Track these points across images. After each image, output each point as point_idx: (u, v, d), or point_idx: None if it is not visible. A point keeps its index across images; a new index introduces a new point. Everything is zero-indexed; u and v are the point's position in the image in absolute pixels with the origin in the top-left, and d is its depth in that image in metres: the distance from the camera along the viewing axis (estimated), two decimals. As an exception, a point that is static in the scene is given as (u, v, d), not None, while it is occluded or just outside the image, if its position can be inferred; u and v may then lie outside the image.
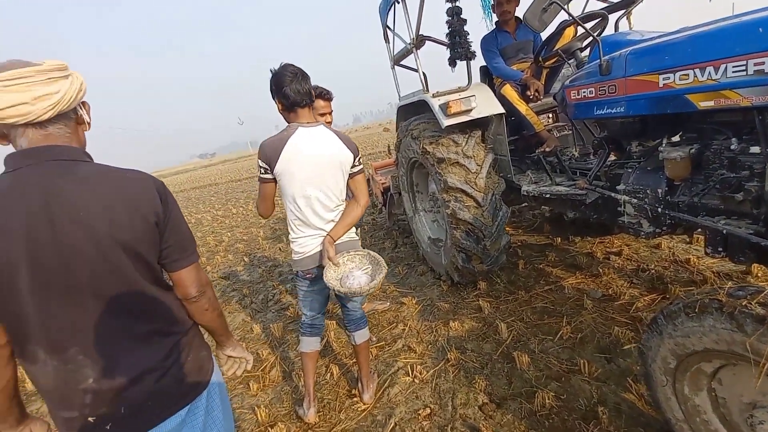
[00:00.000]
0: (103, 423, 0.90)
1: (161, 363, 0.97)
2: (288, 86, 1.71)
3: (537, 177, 2.87)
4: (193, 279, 1.03)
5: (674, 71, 1.59)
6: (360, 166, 1.92)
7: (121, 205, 0.90)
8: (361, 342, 2.14)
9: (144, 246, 0.93)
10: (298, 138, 1.74)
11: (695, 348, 1.21)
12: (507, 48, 3.21)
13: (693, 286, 2.54)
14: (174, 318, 1.03)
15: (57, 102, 0.87)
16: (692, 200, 1.75)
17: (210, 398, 1.09)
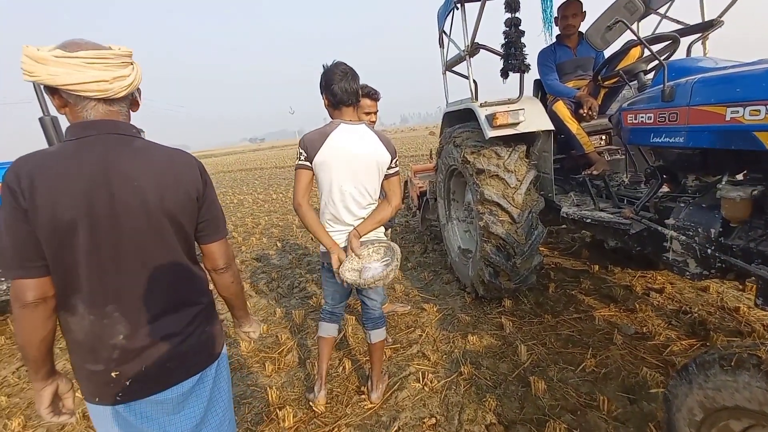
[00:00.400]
0: (123, 378, 0.97)
1: (183, 329, 1.04)
2: (336, 84, 1.76)
3: (580, 200, 2.75)
4: (222, 252, 1.13)
5: (744, 105, 1.47)
6: (396, 168, 1.93)
7: (170, 179, 0.99)
8: (376, 341, 2.15)
9: (185, 218, 1.03)
10: (339, 134, 1.79)
11: (725, 403, 1.12)
12: (566, 63, 3.10)
13: (738, 337, 2.34)
14: (200, 289, 1.11)
15: (130, 84, 0.98)
16: (748, 245, 1.62)
17: (219, 370, 1.15)
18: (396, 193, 1.95)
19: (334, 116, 1.86)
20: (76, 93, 0.92)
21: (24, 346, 0.94)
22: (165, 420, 1.04)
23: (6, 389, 2.76)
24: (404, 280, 3.85)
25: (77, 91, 0.92)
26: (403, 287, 3.65)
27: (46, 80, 0.89)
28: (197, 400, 1.08)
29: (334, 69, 1.79)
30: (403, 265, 4.28)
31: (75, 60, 0.89)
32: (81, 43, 0.93)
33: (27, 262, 0.89)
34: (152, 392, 1.00)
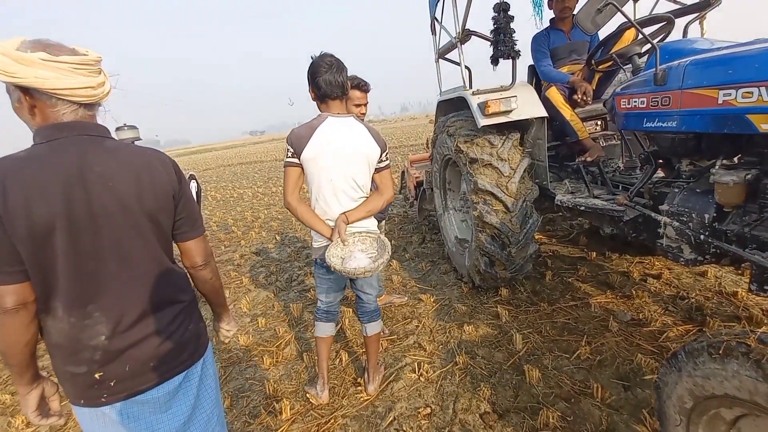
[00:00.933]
0: (107, 379, 0.97)
1: (166, 328, 1.04)
2: (322, 77, 1.72)
3: (574, 187, 2.72)
4: (200, 249, 1.13)
5: (736, 87, 1.43)
6: (387, 161, 1.91)
7: (146, 177, 0.99)
8: (371, 334, 2.16)
9: (163, 216, 1.03)
10: (326, 127, 1.76)
11: (715, 392, 1.12)
12: (559, 48, 3.04)
13: (736, 322, 2.33)
14: (181, 287, 1.11)
15: (108, 90, 1.01)
16: (742, 230, 1.60)
17: (204, 367, 1.15)
18: (388, 185, 1.93)
19: (322, 109, 1.83)
20: (61, 97, 0.92)
21: (6, 352, 0.93)
22: (152, 419, 1.04)
23: (10, 387, 2.80)
24: (402, 271, 3.85)
25: (65, 96, 0.92)
26: (401, 278, 3.65)
27: (33, 83, 0.88)
28: (184, 398, 1.08)
29: (319, 61, 1.75)
30: (400, 255, 4.28)
31: (62, 65, 0.90)
32: (54, 44, 0.92)
33: (4, 267, 0.88)
34: (137, 392, 1.00)
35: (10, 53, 0.86)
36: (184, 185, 1.08)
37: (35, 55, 0.87)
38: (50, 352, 0.99)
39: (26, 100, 0.92)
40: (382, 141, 1.87)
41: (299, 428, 2.04)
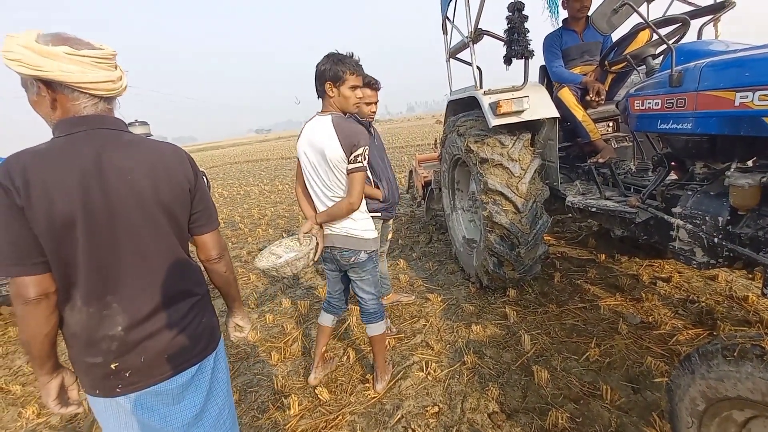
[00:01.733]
0: (123, 370, 0.99)
1: (181, 320, 1.05)
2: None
3: (585, 188, 2.71)
4: (215, 242, 1.15)
5: (754, 90, 1.42)
6: (357, 164, 1.77)
7: (162, 170, 1.01)
8: (371, 335, 2.19)
9: (180, 209, 1.05)
10: (307, 126, 1.88)
11: (728, 394, 1.11)
12: (572, 48, 3.02)
13: (746, 326, 2.31)
14: (196, 281, 1.13)
15: (125, 84, 1.02)
16: (756, 233, 1.58)
17: (217, 360, 1.17)
18: (351, 191, 1.81)
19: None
20: (84, 90, 0.94)
21: (28, 342, 0.95)
22: (165, 411, 1.06)
23: (21, 378, 2.85)
24: (409, 270, 3.86)
25: (88, 89, 0.94)
26: (408, 277, 3.65)
27: (58, 76, 0.90)
28: (197, 390, 1.10)
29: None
30: (407, 255, 4.29)
31: (85, 59, 0.92)
32: (72, 38, 0.94)
33: (26, 259, 0.90)
34: (152, 383, 1.02)
35: (32, 46, 0.87)
36: (200, 179, 1.10)
37: (59, 48, 0.89)
38: (67, 343, 1.01)
39: (48, 93, 0.94)
40: (351, 143, 1.74)
41: (307, 424, 2.06)
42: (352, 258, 1.97)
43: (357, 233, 1.94)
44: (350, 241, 1.94)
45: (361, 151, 1.75)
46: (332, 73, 1.75)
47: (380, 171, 2.57)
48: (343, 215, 1.88)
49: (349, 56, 1.79)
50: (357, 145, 1.74)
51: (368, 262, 2.01)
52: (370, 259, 2.01)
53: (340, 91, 1.80)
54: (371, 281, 2.09)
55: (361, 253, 1.97)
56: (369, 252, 1.99)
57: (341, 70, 1.75)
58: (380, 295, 2.18)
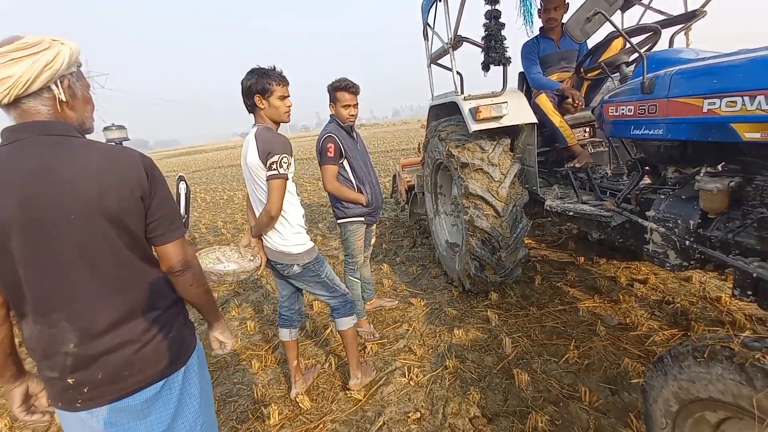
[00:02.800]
0: (81, 386, 0.95)
1: (141, 335, 1.00)
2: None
3: (563, 192, 2.76)
4: (177, 253, 1.05)
5: (721, 96, 1.47)
6: (272, 172, 1.77)
7: (110, 178, 0.93)
8: (340, 329, 2.20)
9: (130, 219, 0.96)
10: (245, 140, 1.91)
11: (700, 395, 1.13)
12: (549, 56, 3.08)
13: (719, 327, 2.37)
14: (158, 293, 1.06)
15: (11, 87, 0.85)
16: (726, 236, 1.63)
17: (187, 375, 1.11)
18: (268, 197, 1.81)
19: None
20: None
21: None
22: (131, 426, 1.01)
23: (-13, 393, 2.72)
24: (392, 275, 3.85)
25: None
26: (391, 282, 3.64)
27: None
28: (164, 407, 1.05)
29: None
30: (391, 259, 4.28)
31: None
32: None
33: None
34: (112, 399, 0.97)
35: None
36: (158, 186, 1.01)
37: None
38: (29, 354, 0.97)
39: None
40: (266, 150, 1.76)
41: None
42: (285, 270, 2.00)
43: (286, 249, 1.93)
44: (279, 255, 1.94)
45: (277, 158, 1.75)
46: (260, 86, 1.80)
47: (363, 175, 2.57)
48: (267, 224, 1.87)
49: (272, 69, 1.84)
50: (272, 152, 1.75)
51: (305, 273, 2.01)
52: (307, 269, 2.00)
53: (269, 102, 1.85)
54: (320, 286, 2.09)
55: (294, 266, 1.97)
56: (302, 264, 1.98)
57: (267, 82, 1.80)
58: (342, 292, 2.15)
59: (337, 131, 2.49)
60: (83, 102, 1.01)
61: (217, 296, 3.89)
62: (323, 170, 2.50)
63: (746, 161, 1.60)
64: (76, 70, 0.98)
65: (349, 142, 2.53)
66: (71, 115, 0.98)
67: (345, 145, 2.48)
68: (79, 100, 1.00)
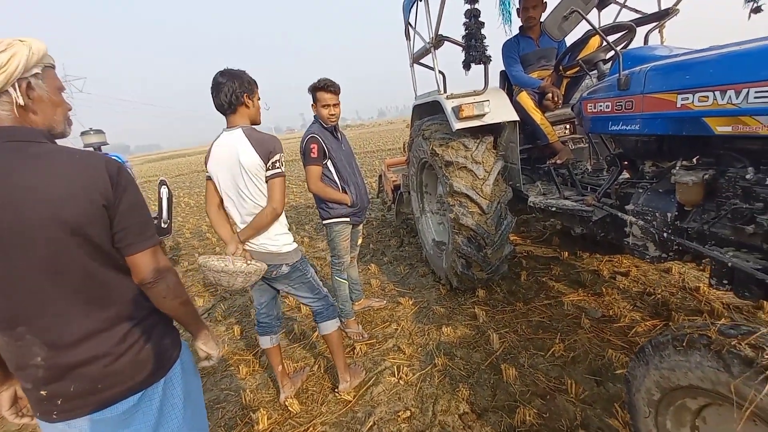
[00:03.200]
0: (54, 398, 0.92)
1: (114, 347, 0.97)
2: (212, 98, 1.81)
3: (546, 188, 2.80)
4: (148, 264, 1.00)
5: (693, 92, 1.51)
6: (275, 171, 1.79)
7: (71, 186, 0.88)
8: (325, 334, 2.18)
9: (93, 229, 0.91)
10: (217, 142, 1.85)
11: (680, 383, 1.16)
12: (529, 55, 3.12)
13: (698, 316, 2.44)
14: (132, 303, 1.02)
15: None
16: (702, 228, 1.68)
17: (169, 386, 1.08)
18: (273, 196, 1.81)
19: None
20: None
21: None
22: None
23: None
24: (380, 275, 3.85)
25: None
26: (379, 282, 3.64)
27: None
28: (144, 418, 1.02)
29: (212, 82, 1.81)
30: (378, 259, 4.28)
31: None
32: None
33: None
34: (87, 412, 0.95)
35: None
36: (127, 193, 0.96)
37: None
38: (6, 363, 0.96)
39: None
40: (266, 150, 1.77)
41: (277, 438, 2.00)
42: (273, 272, 1.96)
43: (275, 248, 1.92)
44: (268, 256, 1.92)
45: (279, 156, 1.79)
46: (246, 86, 1.80)
47: (347, 176, 2.56)
48: (269, 222, 1.85)
49: (244, 71, 1.83)
50: (273, 151, 1.77)
51: (293, 272, 2.00)
52: (294, 269, 2.00)
53: (254, 103, 1.85)
54: (306, 287, 2.08)
55: (283, 266, 1.95)
56: (291, 264, 1.97)
57: (249, 81, 1.81)
58: (324, 294, 2.15)
59: (320, 132, 2.48)
60: (51, 105, 0.96)
61: (203, 303, 3.82)
62: (307, 171, 2.48)
63: (719, 154, 1.65)
64: (41, 71, 0.93)
65: (333, 143, 2.52)
66: (35, 120, 0.93)
67: (329, 146, 2.47)
68: (46, 103, 0.95)
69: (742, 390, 0.96)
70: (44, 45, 0.93)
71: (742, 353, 0.97)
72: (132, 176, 1.02)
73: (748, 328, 1.04)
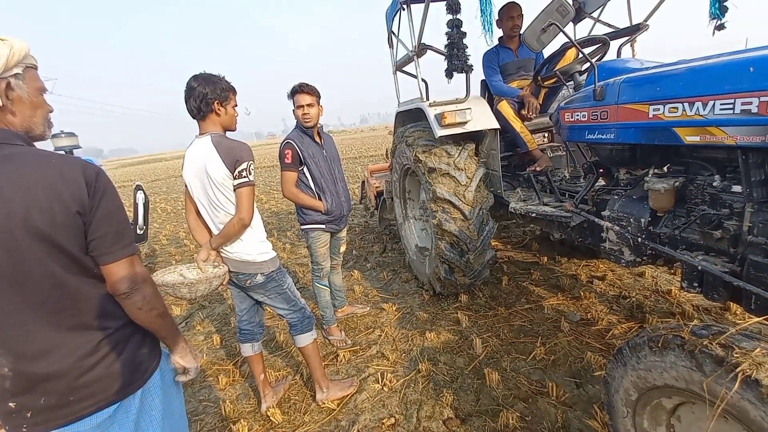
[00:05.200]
0: (23, 410, 0.88)
1: (84, 360, 0.93)
2: (185, 102, 1.76)
3: (526, 195, 2.86)
4: (123, 274, 0.96)
5: (664, 103, 1.59)
6: (242, 180, 1.73)
7: (42, 191, 0.85)
8: (300, 346, 2.15)
9: (65, 237, 0.88)
10: (190, 149, 1.82)
11: (656, 383, 1.20)
12: (508, 64, 3.21)
13: (671, 317, 2.53)
14: (105, 313, 0.98)
15: None
16: (673, 233, 1.75)
17: (147, 398, 1.05)
18: (240, 206, 1.76)
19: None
20: None
21: None
22: None
23: None
24: (363, 281, 3.84)
25: None
26: (362, 288, 3.63)
27: None
28: (120, 430, 0.99)
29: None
30: (362, 265, 4.26)
31: None
32: None
33: None
34: (59, 425, 0.91)
35: None
36: (102, 200, 0.92)
37: None
38: None
39: None
40: (234, 157, 1.71)
41: (258, 449, 1.95)
42: (248, 281, 1.91)
43: (250, 257, 1.87)
44: (243, 265, 1.88)
45: (246, 165, 1.72)
46: (219, 92, 1.74)
47: (323, 183, 2.54)
48: (237, 233, 1.80)
49: (221, 76, 1.78)
50: (240, 160, 1.71)
51: (269, 282, 1.95)
52: (270, 279, 1.94)
53: (226, 110, 1.80)
54: (281, 298, 2.02)
55: (257, 275, 1.90)
56: (266, 273, 1.92)
57: (224, 88, 1.76)
58: (301, 306, 2.10)
59: (298, 137, 2.47)
60: (30, 107, 0.93)
61: (180, 311, 3.72)
62: (282, 176, 2.50)
63: (688, 162, 1.73)
64: (21, 72, 0.90)
65: (312, 148, 2.50)
66: (12, 121, 0.90)
67: (306, 152, 2.46)
68: (25, 104, 0.92)
69: (713, 388, 1.01)
70: (27, 45, 0.91)
71: (714, 353, 1.02)
72: (111, 181, 0.99)
73: (719, 328, 1.09)
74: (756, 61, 1.30)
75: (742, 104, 1.32)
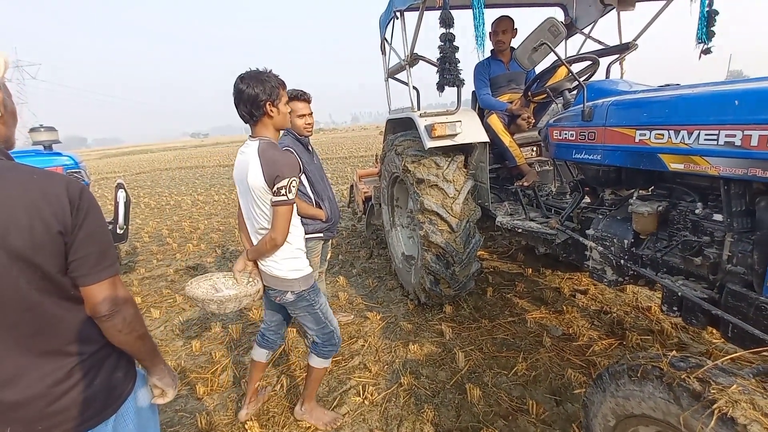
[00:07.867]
0: None
1: (56, 386, 0.89)
2: (235, 107, 1.67)
3: (513, 209, 2.88)
4: (104, 296, 0.92)
5: (650, 129, 1.61)
6: (280, 198, 1.61)
7: (20, 209, 0.80)
8: (312, 365, 2.03)
9: (43, 256, 0.84)
10: (241, 149, 1.74)
11: (634, 411, 1.21)
12: (499, 77, 3.23)
13: (650, 335, 2.57)
14: (80, 337, 0.94)
15: None
16: (655, 255, 1.77)
17: (120, 424, 1.01)
18: (275, 224, 1.65)
19: None
20: None
21: None
22: None
23: None
24: (349, 288, 3.81)
25: None
26: (347, 295, 3.60)
27: None
28: None
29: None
30: (347, 271, 4.23)
31: None
32: None
33: None
34: None
35: None
36: (86, 219, 0.89)
37: None
38: None
39: None
40: (273, 173, 1.59)
41: (234, 464, 1.91)
42: (277, 297, 1.84)
43: (281, 273, 1.77)
44: (273, 280, 1.79)
45: (286, 183, 1.59)
46: (269, 92, 1.61)
47: (321, 190, 2.50)
48: (268, 251, 1.73)
49: (268, 71, 1.65)
50: (280, 176, 1.58)
51: (299, 301, 1.83)
52: (301, 298, 1.82)
53: (279, 110, 1.67)
54: (311, 318, 1.90)
55: (288, 293, 1.80)
56: (297, 292, 1.80)
57: (274, 86, 1.62)
58: (330, 329, 1.95)
59: (294, 145, 2.43)
60: (13, 116, 0.91)
61: (160, 313, 3.63)
62: None
63: (672, 188, 1.75)
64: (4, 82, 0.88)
65: (306, 156, 2.47)
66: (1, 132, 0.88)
67: (303, 160, 2.43)
68: (11, 114, 0.90)
69: (690, 423, 1.01)
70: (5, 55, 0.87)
71: (691, 387, 1.02)
72: (95, 199, 0.94)
73: (697, 361, 1.10)
74: (741, 95, 1.32)
75: (726, 136, 1.34)
